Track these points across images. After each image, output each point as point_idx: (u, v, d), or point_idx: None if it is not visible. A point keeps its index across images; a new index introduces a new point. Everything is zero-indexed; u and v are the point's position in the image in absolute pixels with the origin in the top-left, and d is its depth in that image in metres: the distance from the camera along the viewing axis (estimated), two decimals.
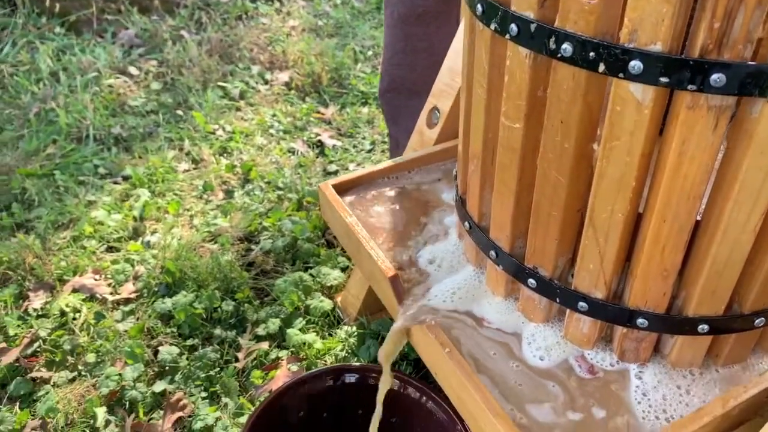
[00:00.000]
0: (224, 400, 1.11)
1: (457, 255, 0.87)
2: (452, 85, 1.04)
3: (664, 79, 0.51)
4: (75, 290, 1.32)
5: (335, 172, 1.73)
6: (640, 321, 0.67)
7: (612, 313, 0.68)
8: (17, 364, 1.17)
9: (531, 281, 0.73)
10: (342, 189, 0.99)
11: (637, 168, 0.58)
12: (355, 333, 1.21)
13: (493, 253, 0.76)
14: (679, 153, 0.55)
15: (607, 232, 0.63)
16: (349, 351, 1.19)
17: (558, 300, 0.71)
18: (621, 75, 0.53)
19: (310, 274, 1.33)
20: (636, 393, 0.70)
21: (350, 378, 0.99)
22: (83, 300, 1.31)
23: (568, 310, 0.73)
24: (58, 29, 2.25)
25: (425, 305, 0.81)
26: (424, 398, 0.96)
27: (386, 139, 1.87)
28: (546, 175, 0.64)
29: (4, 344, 1.21)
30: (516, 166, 0.67)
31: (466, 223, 0.81)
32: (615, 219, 0.62)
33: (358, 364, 1.10)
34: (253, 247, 1.44)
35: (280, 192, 1.62)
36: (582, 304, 0.69)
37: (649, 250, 0.62)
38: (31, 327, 1.24)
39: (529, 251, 0.72)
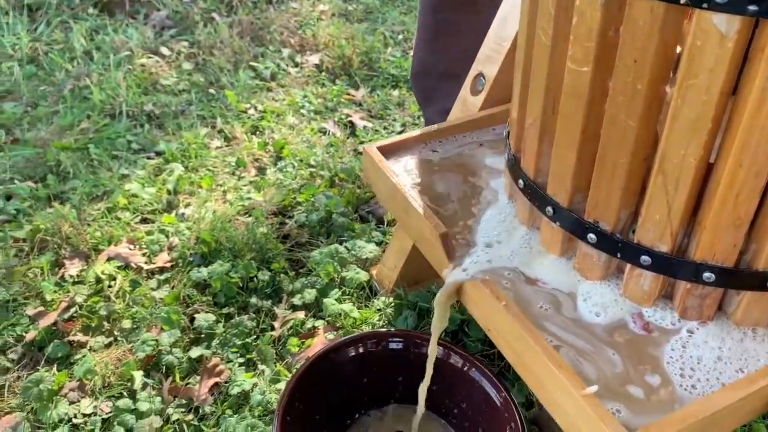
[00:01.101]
0: (261, 367, 1.10)
1: (507, 216, 0.86)
2: (499, 50, 1.02)
3: (752, 8, 0.50)
4: (110, 259, 1.33)
5: None
6: (706, 275, 0.65)
7: (676, 267, 0.66)
8: (54, 328, 1.17)
9: (591, 236, 0.71)
10: (385, 152, 0.98)
11: (714, 108, 0.56)
12: (392, 304, 1.19)
13: (549, 209, 0.75)
14: (762, 89, 0.53)
15: (678, 178, 0.61)
16: (386, 321, 1.17)
17: (619, 255, 0.70)
18: (705, 5, 0.51)
19: (345, 247, 1.32)
20: (694, 351, 0.68)
21: (392, 344, 0.97)
22: (118, 268, 1.31)
23: (628, 266, 0.71)
24: (91, 10, 2.27)
25: (476, 264, 0.79)
26: (467, 366, 0.95)
27: (417, 122, 1.86)
28: (614, 120, 0.63)
29: (41, 308, 1.21)
30: (581, 113, 0.65)
31: (520, 181, 0.79)
32: (687, 164, 0.60)
33: (400, 329, 1.08)
34: (287, 221, 1.43)
35: (313, 169, 1.61)
36: (645, 258, 0.68)
37: (722, 198, 0.60)
38: (68, 292, 1.24)
39: (590, 205, 0.70)
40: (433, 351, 0.88)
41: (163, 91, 1.93)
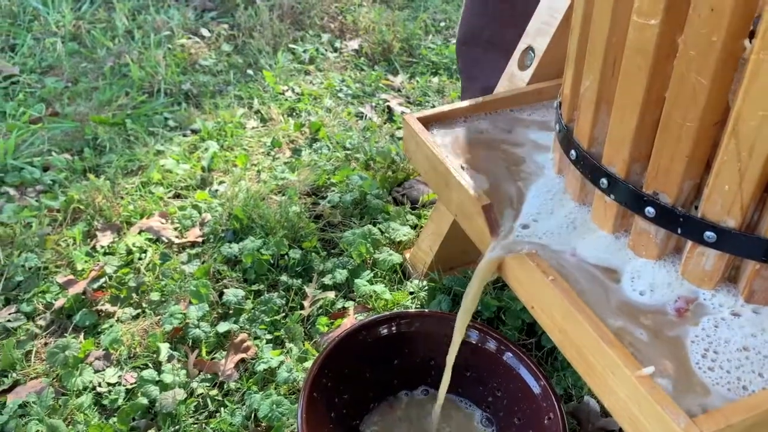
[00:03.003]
0: (288, 345, 1.07)
1: (555, 191, 0.80)
2: (550, 22, 0.97)
3: None
4: (141, 232, 1.31)
5: (402, 139, 1.67)
6: None
7: (745, 244, 0.60)
8: (83, 297, 1.16)
9: (649, 210, 0.65)
10: (426, 123, 0.93)
11: None
12: (426, 287, 1.15)
13: (604, 181, 0.69)
14: None
15: (753, 143, 0.55)
16: (419, 305, 1.13)
17: (680, 231, 0.64)
18: None
19: (379, 229, 1.28)
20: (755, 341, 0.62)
21: (425, 325, 0.93)
22: (149, 241, 1.29)
23: (689, 244, 0.65)
24: None
25: (519, 239, 0.74)
26: (505, 352, 0.90)
27: None
28: (683, 78, 0.57)
29: (71, 277, 1.20)
30: (646, 72, 0.60)
31: (572, 152, 0.74)
32: (764, 128, 0.54)
33: (434, 310, 1.04)
34: (320, 201, 1.40)
35: (348, 152, 1.58)
36: (709, 234, 0.62)
37: None
38: (98, 262, 1.23)
39: (651, 175, 0.64)
40: (460, 330, 0.83)
41: (201, 71, 1.92)
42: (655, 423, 0.53)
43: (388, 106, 1.80)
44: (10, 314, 1.13)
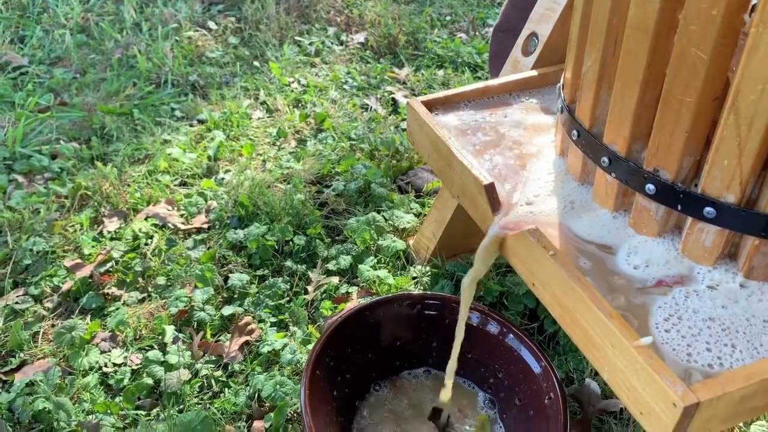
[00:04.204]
0: (292, 328, 1.08)
1: (556, 172, 0.81)
2: (554, 8, 0.98)
3: None
4: (148, 218, 1.32)
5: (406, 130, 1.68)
6: None
7: (745, 220, 0.61)
8: (90, 280, 1.17)
9: (649, 187, 0.66)
10: (430, 107, 0.94)
11: None
12: (429, 272, 1.16)
13: (605, 159, 0.70)
14: None
15: (752, 118, 0.56)
16: (422, 289, 1.14)
17: (680, 207, 0.64)
18: None
19: (383, 217, 1.29)
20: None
21: (427, 307, 0.94)
22: (155, 227, 1.31)
23: (689, 221, 0.66)
24: None
25: (520, 218, 0.75)
26: (506, 333, 0.90)
27: None
28: (683, 54, 0.58)
29: (78, 260, 1.21)
30: (646, 49, 0.61)
31: (574, 132, 0.75)
32: (763, 102, 0.55)
33: (436, 293, 1.04)
34: (324, 189, 1.41)
35: (353, 142, 1.59)
36: (708, 210, 0.62)
37: None
38: (105, 247, 1.24)
39: (650, 152, 0.65)
40: (464, 313, 0.83)
41: (208, 63, 1.94)
42: (652, 392, 0.54)
43: (393, 98, 1.81)
44: (18, 297, 1.15)
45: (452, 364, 0.86)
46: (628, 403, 0.58)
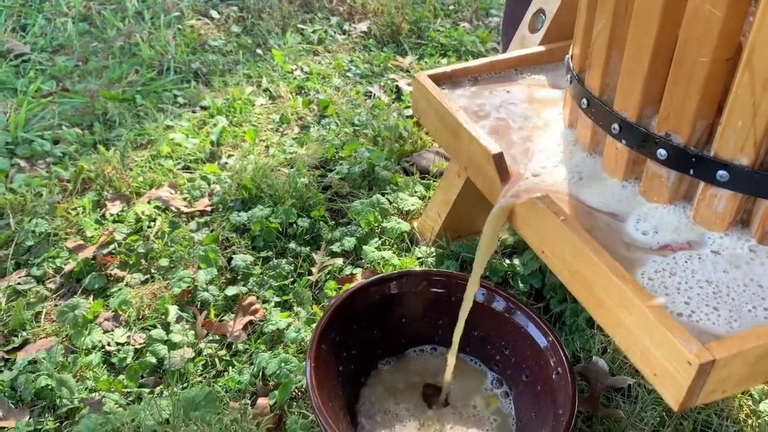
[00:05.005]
0: (297, 309, 1.07)
1: (564, 142, 0.80)
2: None
3: None
4: (150, 201, 1.32)
5: (410, 117, 1.67)
6: None
7: (759, 183, 0.60)
8: (93, 261, 1.17)
9: (661, 152, 0.65)
10: (437, 81, 0.93)
11: None
12: (434, 253, 1.15)
13: (615, 126, 0.69)
14: None
15: None
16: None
17: (692, 171, 0.64)
18: None
19: (387, 199, 1.28)
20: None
21: (433, 284, 0.93)
22: (158, 209, 1.30)
23: (701, 186, 0.65)
24: None
25: (529, 188, 0.74)
26: (512, 310, 0.90)
27: None
28: (697, 12, 0.57)
29: (81, 242, 1.21)
30: (659, 9, 0.60)
31: (584, 101, 0.74)
32: None
33: (442, 269, 1.03)
34: (328, 173, 1.40)
35: (356, 128, 1.58)
36: (721, 174, 0.61)
37: None
38: (108, 228, 1.24)
39: (662, 116, 0.64)
40: (473, 286, 0.82)
41: (210, 51, 1.93)
42: (666, 351, 0.53)
43: (397, 86, 1.80)
44: (20, 278, 1.14)
45: (456, 339, 0.85)
46: (641, 366, 0.57)
